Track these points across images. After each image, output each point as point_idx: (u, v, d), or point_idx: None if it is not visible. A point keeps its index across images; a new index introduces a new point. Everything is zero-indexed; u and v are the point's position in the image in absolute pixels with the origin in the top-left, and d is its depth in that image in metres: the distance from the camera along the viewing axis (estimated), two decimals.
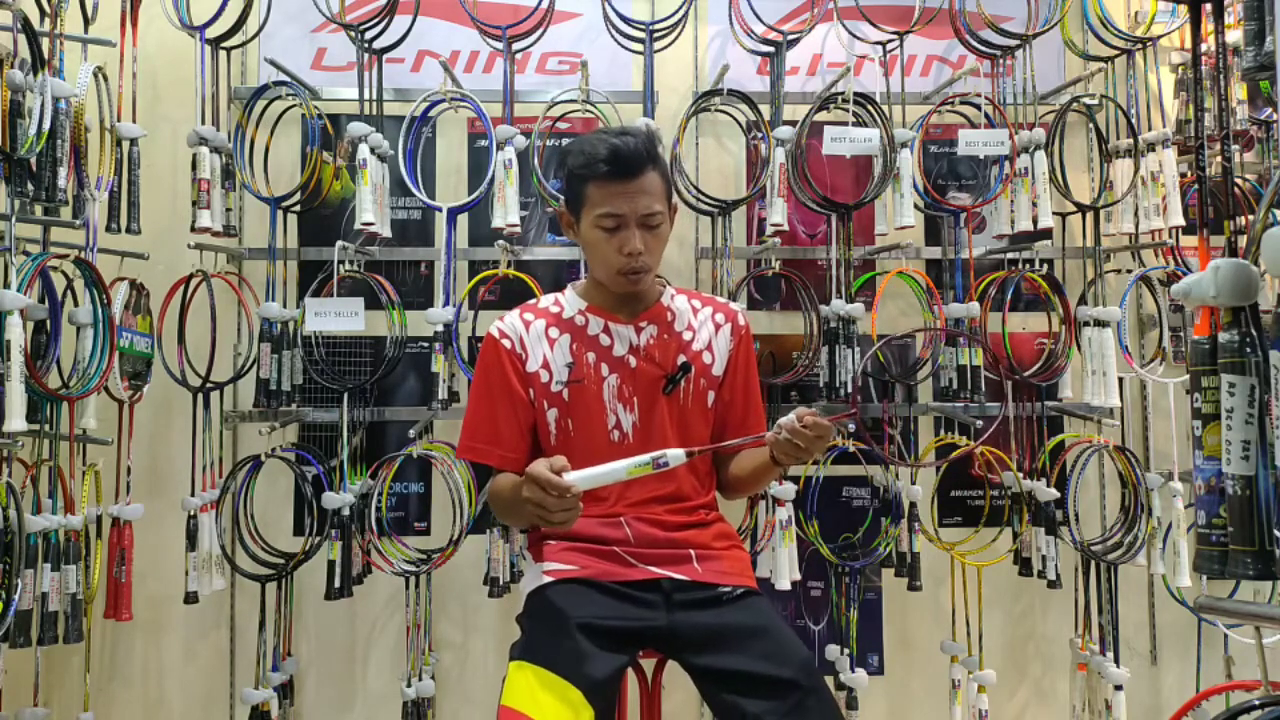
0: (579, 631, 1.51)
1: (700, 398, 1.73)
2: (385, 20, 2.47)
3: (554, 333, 1.72)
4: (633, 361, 1.69)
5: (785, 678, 1.47)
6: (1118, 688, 2.41)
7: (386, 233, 2.47)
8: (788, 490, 2.39)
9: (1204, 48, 1.69)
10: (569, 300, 1.76)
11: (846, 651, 2.46)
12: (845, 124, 2.48)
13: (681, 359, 1.72)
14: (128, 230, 2.35)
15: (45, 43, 2.06)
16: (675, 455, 1.46)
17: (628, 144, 1.61)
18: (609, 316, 1.71)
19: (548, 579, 1.64)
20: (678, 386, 1.70)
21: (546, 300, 1.79)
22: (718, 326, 1.78)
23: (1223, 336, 1.11)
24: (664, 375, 1.70)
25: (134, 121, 2.36)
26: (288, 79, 2.50)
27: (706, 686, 1.54)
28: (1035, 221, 2.47)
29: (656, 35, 2.58)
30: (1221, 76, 1.28)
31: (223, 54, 2.50)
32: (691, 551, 1.66)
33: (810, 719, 1.44)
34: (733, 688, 1.49)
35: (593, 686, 1.44)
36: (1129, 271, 2.66)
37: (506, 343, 1.71)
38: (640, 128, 1.77)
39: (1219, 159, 1.32)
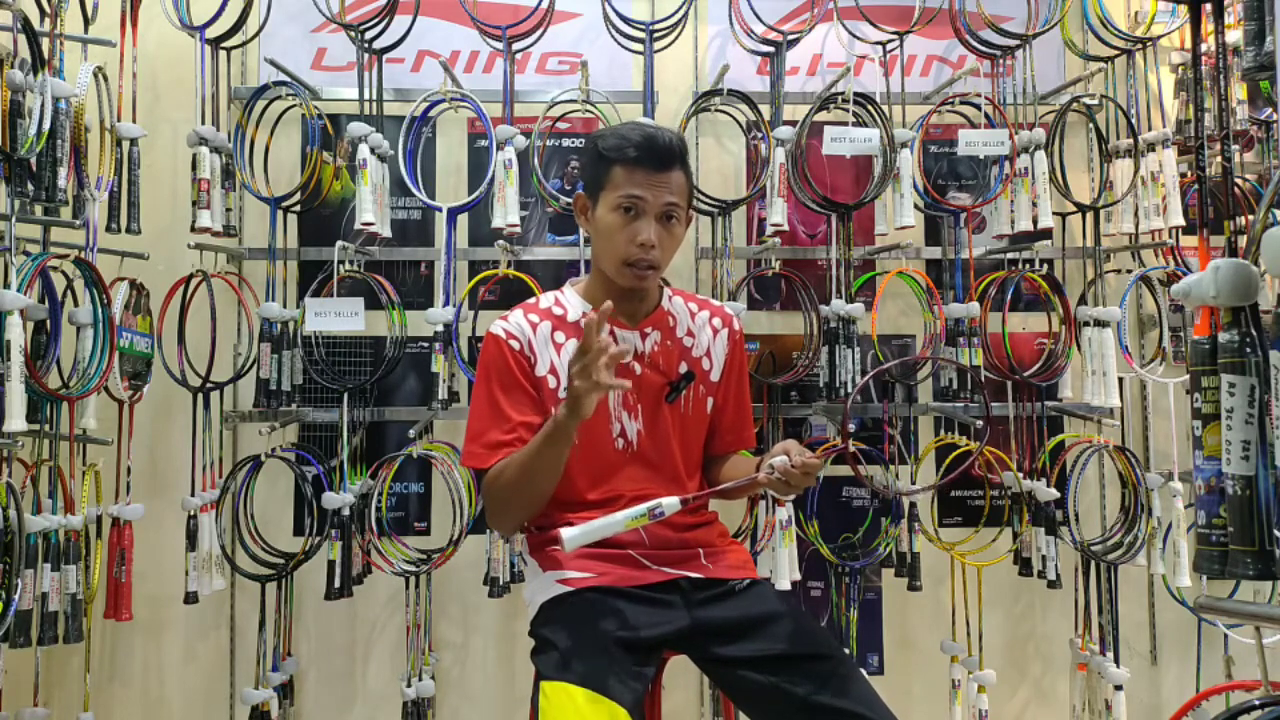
0: (616, 646, 1.49)
1: (700, 404, 1.73)
2: (385, 20, 2.47)
3: (560, 337, 1.67)
4: (637, 369, 1.67)
5: (816, 653, 1.52)
6: (1118, 688, 2.41)
7: (386, 233, 2.47)
8: None
9: (1204, 48, 1.69)
10: (571, 301, 1.71)
11: (846, 652, 2.46)
12: (845, 124, 2.48)
13: (684, 367, 1.71)
14: (128, 230, 2.35)
15: (45, 43, 2.06)
16: (670, 504, 1.46)
17: (663, 136, 1.62)
18: (613, 321, 1.67)
19: (564, 588, 1.60)
20: (680, 395, 1.70)
21: (546, 300, 1.73)
22: (715, 331, 1.77)
23: (1223, 336, 1.11)
24: (667, 383, 1.69)
25: (134, 121, 2.36)
26: (288, 79, 2.51)
27: (736, 675, 1.54)
28: (1035, 221, 2.47)
29: (656, 35, 2.58)
30: (1221, 76, 1.28)
31: (223, 54, 2.50)
32: (700, 550, 1.67)
33: (848, 684, 1.48)
34: (767, 670, 1.50)
35: (635, 703, 1.43)
36: (1129, 271, 2.66)
37: (515, 344, 1.65)
38: (673, 130, 1.77)
39: (1219, 159, 1.32)
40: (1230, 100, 2.59)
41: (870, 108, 2.50)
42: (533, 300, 1.75)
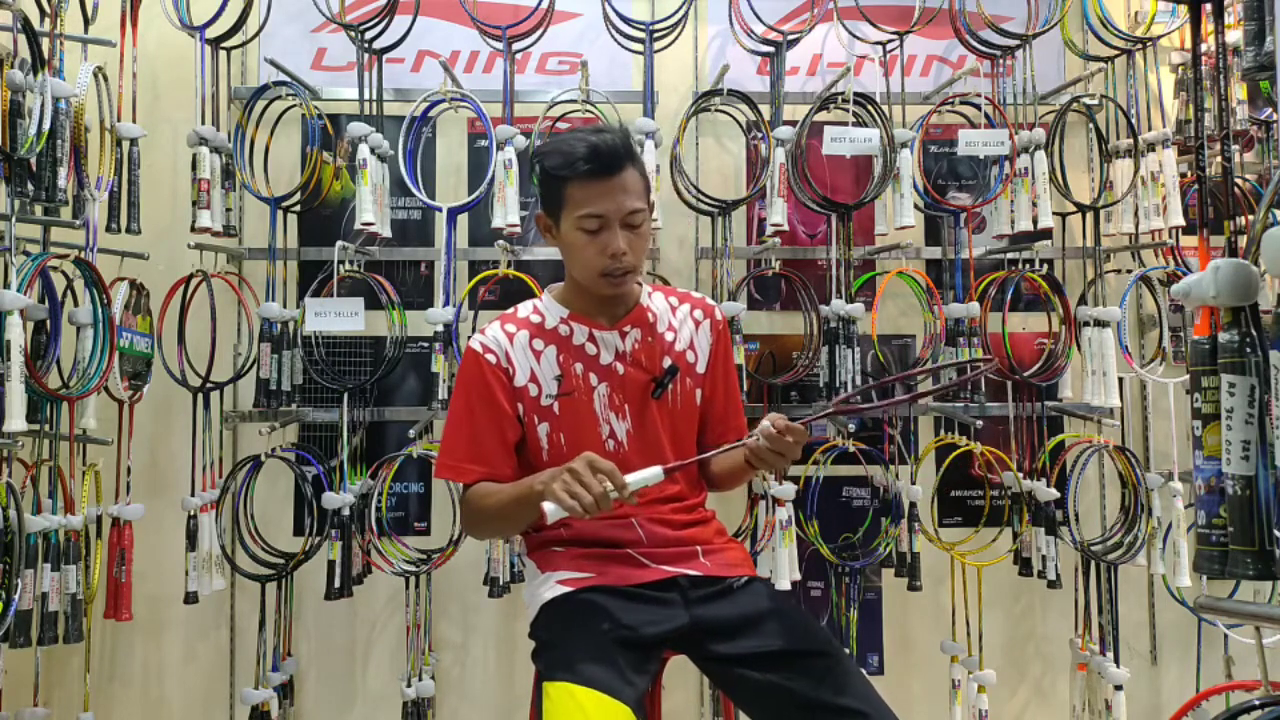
0: (617, 645, 1.49)
1: (689, 398, 1.73)
2: (385, 20, 2.47)
3: (538, 344, 1.66)
4: (620, 368, 1.66)
5: (813, 649, 1.52)
6: (1118, 688, 2.41)
7: (386, 233, 2.47)
8: (788, 490, 2.39)
9: (1204, 48, 1.69)
10: (548, 308, 1.70)
11: (846, 652, 2.46)
12: (845, 124, 2.48)
13: (668, 362, 1.69)
14: (128, 230, 2.35)
15: (45, 43, 2.06)
16: (653, 474, 1.43)
17: (606, 141, 1.57)
18: (592, 324, 1.67)
19: (564, 589, 1.60)
20: (666, 390, 1.69)
21: (525, 309, 1.72)
22: (697, 323, 1.75)
23: (1223, 336, 1.11)
24: (652, 379, 1.68)
25: (134, 121, 2.36)
26: (288, 79, 2.51)
27: (734, 673, 1.54)
28: (1035, 221, 2.48)
29: (656, 35, 2.58)
30: (1221, 76, 1.28)
31: (223, 54, 2.50)
32: (698, 548, 1.67)
33: (846, 680, 1.48)
34: (765, 667, 1.50)
35: (638, 702, 1.42)
36: (1129, 271, 2.66)
37: (491, 357, 1.64)
38: (615, 126, 1.75)
39: (1219, 159, 1.32)
40: (1230, 100, 2.59)
41: (870, 108, 2.50)
42: (511, 310, 1.74)
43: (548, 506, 1.39)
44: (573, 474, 1.39)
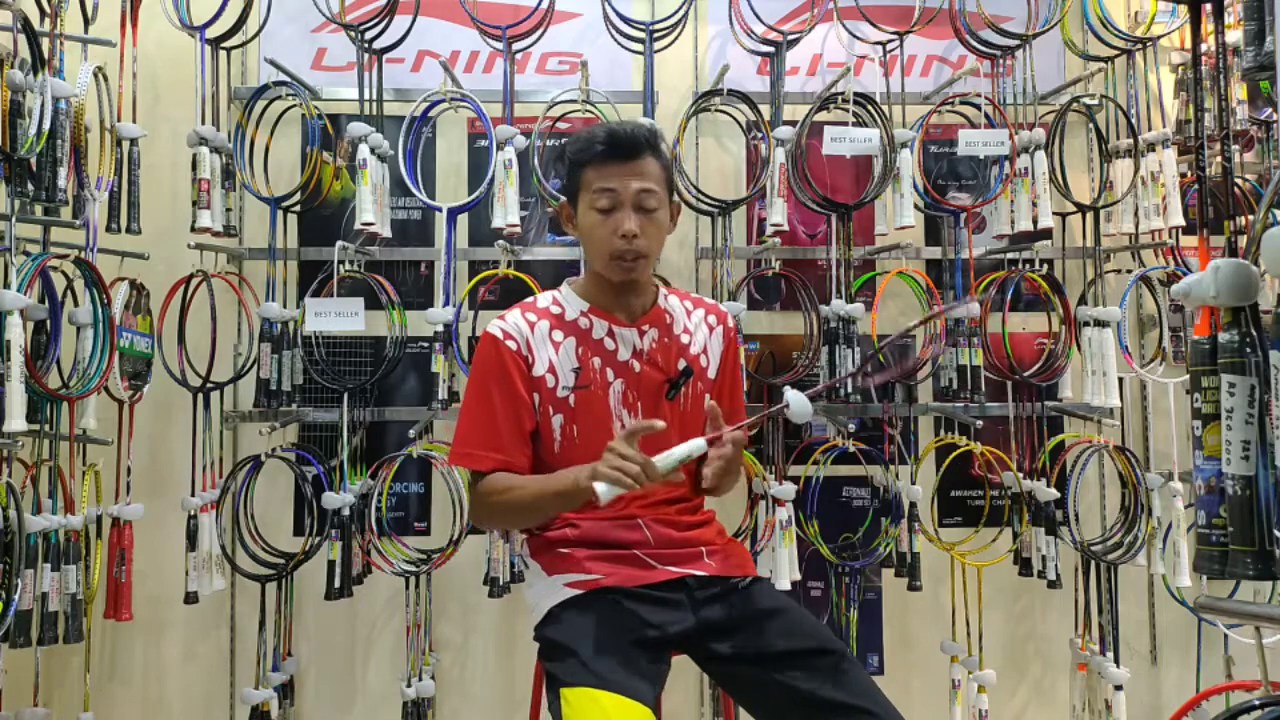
0: (632, 647, 1.50)
1: (698, 400, 1.73)
2: (385, 20, 2.47)
3: (558, 335, 1.67)
4: (636, 366, 1.67)
5: (817, 647, 1.52)
6: (1118, 688, 2.41)
7: (386, 233, 2.47)
8: (788, 490, 2.39)
9: (1204, 48, 1.69)
10: (568, 300, 1.71)
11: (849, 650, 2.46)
12: (845, 124, 2.48)
13: (683, 364, 1.71)
14: (128, 230, 2.35)
15: (45, 43, 2.06)
16: (698, 445, 1.46)
17: (626, 129, 1.63)
18: (612, 319, 1.68)
19: (574, 591, 1.60)
20: (680, 391, 1.70)
21: (544, 300, 1.73)
22: (710, 329, 1.77)
23: (1223, 336, 1.11)
24: (666, 379, 1.69)
25: (134, 121, 2.37)
26: (288, 79, 2.51)
27: (738, 671, 1.55)
28: (1035, 221, 2.48)
29: (656, 35, 2.58)
30: (1221, 76, 1.28)
31: (223, 54, 2.50)
32: (702, 549, 1.67)
33: (850, 679, 1.48)
34: (768, 665, 1.51)
35: (655, 703, 1.43)
36: (1129, 271, 2.66)
37: (511, 344, 1.64)
38: (645, 122, 1.77)
39: (1219, 159, 1.32)
40: (1230, 100, 2.59)
41: (870, 108, 2.50)
42: (530, 300, 1.75)
43: (599, 487, 1.41)
44: (611, 452, 1.42)
